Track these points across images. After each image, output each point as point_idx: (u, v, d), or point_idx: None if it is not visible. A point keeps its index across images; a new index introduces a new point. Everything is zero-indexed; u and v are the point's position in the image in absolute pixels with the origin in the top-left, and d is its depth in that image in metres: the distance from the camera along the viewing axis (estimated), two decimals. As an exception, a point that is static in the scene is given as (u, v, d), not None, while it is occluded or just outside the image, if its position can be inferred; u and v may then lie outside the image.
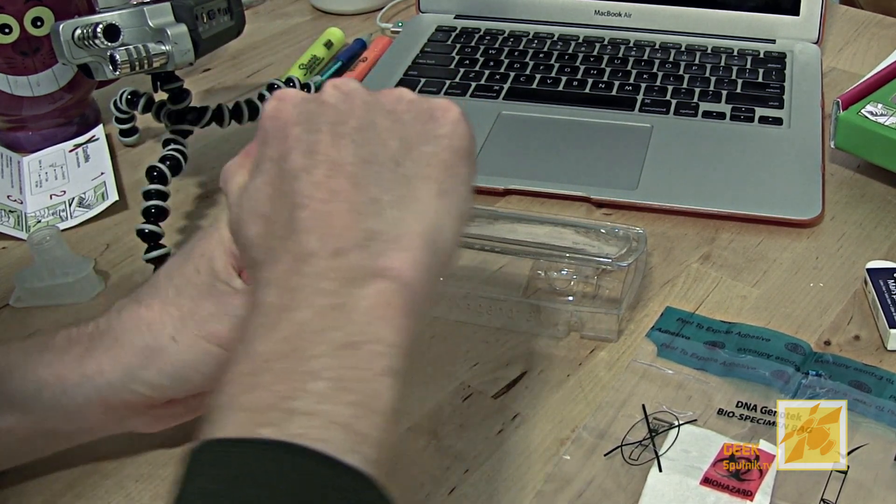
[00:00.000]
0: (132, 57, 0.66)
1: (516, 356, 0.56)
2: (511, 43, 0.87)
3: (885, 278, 0.58)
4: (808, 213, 0.65)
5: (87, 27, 0.65)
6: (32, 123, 0.77)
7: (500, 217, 0.61)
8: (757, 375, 0.53)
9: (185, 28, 0.67)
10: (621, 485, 0.47)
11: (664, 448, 0.49)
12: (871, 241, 0.64)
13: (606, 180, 0.69)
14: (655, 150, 0.72)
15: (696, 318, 0.57)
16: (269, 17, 1.00)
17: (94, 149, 0.76)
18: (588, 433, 0.50)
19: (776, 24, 0.85)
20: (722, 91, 0.79)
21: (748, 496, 0.46)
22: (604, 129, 0.75)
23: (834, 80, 0.83)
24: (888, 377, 0.53)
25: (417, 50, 0.87)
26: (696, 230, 0.65)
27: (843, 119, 0.67)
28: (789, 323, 0.57)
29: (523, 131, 0.75)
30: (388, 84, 0.82)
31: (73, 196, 0.71)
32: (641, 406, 0.52)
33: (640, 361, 0.55)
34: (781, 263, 0.62)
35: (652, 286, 0.60)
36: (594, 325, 0.56)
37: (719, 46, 0.85)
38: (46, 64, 0.74)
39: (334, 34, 0.92)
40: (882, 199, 0.68)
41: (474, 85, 0.81)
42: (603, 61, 0.84)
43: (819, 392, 0.52)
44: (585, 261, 0.56)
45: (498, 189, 0.69)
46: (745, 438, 0.49)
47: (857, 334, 0.56)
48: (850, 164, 0.71)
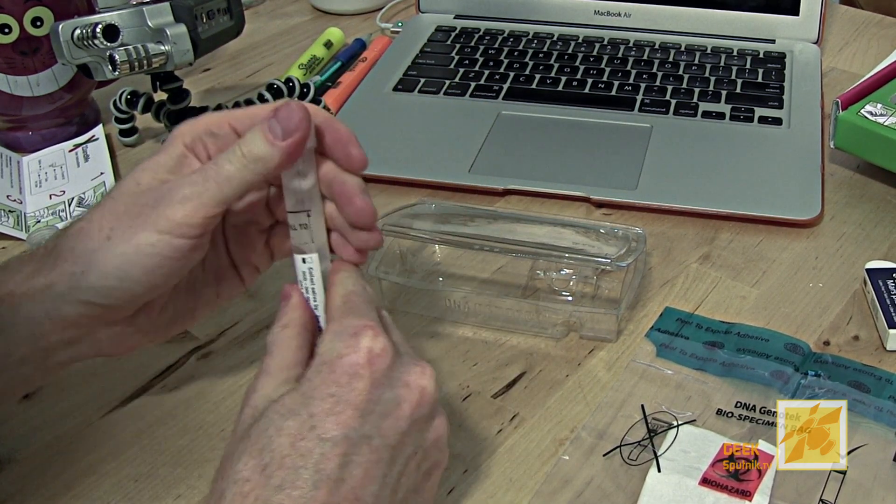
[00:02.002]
0: (131, 57, 0.66)
1: (516, 356, 0.56)
2: (511, 43, 0.87)
3: (885, 278, 0.58)
4: (808, 213, 0.65)
5: (87, 27, 0.65)
6: (32, 123, 0.77)
7: (499, 217, 0.61)
8: (756, 376, 0.53)
9: (184, 28, 0.67)
10: (620, 485, 0.47)
11: (663, 448, 0.49)
12: (870, 241, 0.64)
13: (606, 180, 0.69)
14: (655, 150, 0.72)
15: (695, 319, 0.57)
16: (268, 17, 1.00)
17: (94, 149, 0.76)
18: (587, 433, 0.50)
19: (776, 24, 0.85)
20: (722, 91, 0.79)
21: (747, 496, 0.46)
22: (603, 130, 0.75)
23: (834, 80, 0.83)
24: (887, 377, 0.53)
25: (417, 50, 0.87)
26: (695, 230, 0.65)
27: (843, 119, 0.67)
28: (788, 323, 0.57)
29: (523, 131, 0.75)
30: (387, 84, 0.82)
31: (72, 196, 0.71)
32: (640, 406, 0.52)
33: (640, 362, 0.55)
34: (781, 263, 0.62)
35: (651, 286, 0.60)
36: (593, 325, 0.56)
37: (719, 46, 0.85)
38: (46, 64, 0.74)
39: (334, 34, 0.92)
40: (881, 199, 0.68)
41: (474, 85, 0.81)
42: (602, 61, 0.84)
43: (818, 392, 0.52)
44: (585, 261, 0.56)
45: (497, 189, 0.69)
46: (744, 438, 0.49)
47: (857, 334, 0.56)
48: (850, 164, 0.71)
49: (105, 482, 0.49)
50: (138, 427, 0.52)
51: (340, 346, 0.40)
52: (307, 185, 0.43)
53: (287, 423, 0.38)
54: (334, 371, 0.39)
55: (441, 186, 0.70)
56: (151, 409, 0.53)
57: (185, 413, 0.53)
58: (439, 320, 0.58)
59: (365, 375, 0.39)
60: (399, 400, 0.40)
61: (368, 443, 0.39)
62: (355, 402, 0.39)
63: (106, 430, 0.52)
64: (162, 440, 0.51)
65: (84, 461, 0.50)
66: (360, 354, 0.39)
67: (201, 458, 0.50)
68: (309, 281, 0.44)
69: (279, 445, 0.37)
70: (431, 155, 0.73)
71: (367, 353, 0.40)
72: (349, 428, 0.38)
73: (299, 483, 0.37)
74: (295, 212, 0.43)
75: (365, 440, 0.38)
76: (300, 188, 0.43)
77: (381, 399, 0.39)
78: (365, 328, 0.40)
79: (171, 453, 0.51)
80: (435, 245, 0.62)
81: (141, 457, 0.50)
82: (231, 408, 0.53)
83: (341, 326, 0.41)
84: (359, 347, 0.40)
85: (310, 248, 0.44)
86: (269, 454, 0.37)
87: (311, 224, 0.44)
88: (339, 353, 0.40)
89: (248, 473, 0.37)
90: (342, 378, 0.39)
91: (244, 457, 0.38)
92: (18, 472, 0.50)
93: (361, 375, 0.39)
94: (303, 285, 0.44)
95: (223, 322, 0.59)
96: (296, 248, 0.44)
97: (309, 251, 0.44)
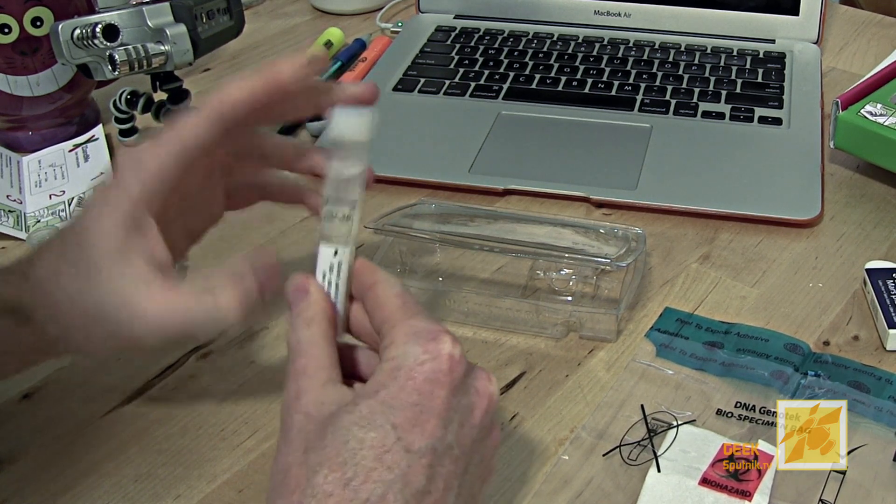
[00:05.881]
0: (131, 57, 0.66)
1: (515, 356, 0.56)
2: (510, 43, 0.87)
3: (885, 278, 0.58)
4: (808, 214, 0.65)
5: (87, 27, 0.65)
6: (32, 123, 0.77)
7: (499, 217, 0.61)
8: (756, 376, 0.53)
9: (184, 28, 0.67)
10: (620, 485, 0.47)
11: (663, 448, 0.49)
12: (870, 241, 0.64)
13: (606, 180, 0.69)
14: (655, 150, 0.72)
15: (695, 319, 0.57)
16: (269, 17, 1.00)
17: (94, 149, 0.76)
18: (587, 433, 0.50)
19: (776, 24, 0.85)
20: (721, 91, 0.79)
21: (746, 496, 0.46)
22: (603, 129, 0.75)
23: (833, 80, 0.83)
24: (887, 377, 0.53)
25: (417, 50, 0.87)
26: (695, 230, 0.65)
27: (843, 119, 0.67)
28: (788, 323, 0.57)
29: (523, 131, 0.75)
30: (387, 84, 0.82)
31: (72, 196, 0.71)
32: (640, 406, 0.52)
33: (639, 361, 0.55)
34: (781, 263, 0.62)
35: (651, 286, 0.60)
36: (593, 325, 0.56)
37: (719, 46, 0.85)
38: (46, 64, 0.74)
39: (334, 34, 0.92)
40: (881, 199, 0.68)
41: (474, 85, 0.81)
42: (602, 61, 0.84)
43: (818, 392, 0.52)
44: (585, 261, 0.56)
45: (497, 189, 0.69)
46: (743, 439, 0.49)
47: (857, 334, 0.56)
48: (850, 164, 0.71)
49: (105, 482, 0.49)
50: (138, 427, 0.52)
51: (419, 352, 0.38)
52: (358, 175, 0.41)
53: (370, 435, 0.36)
54: (414, 378, 0.38)
55: (441, 186, 0.70)
56: (151, 409, 0.53)
57: (185, 413, 0.53)
58: (439, 320, 0.58)
59: (446, 383, 0.38)
60: (472, 407, 0.39)
61: (450, 453, 0.38)
62: (438, 411, 0.37)
63: (106, 430, 0.52)
64: (162, 440, 0.51)
65: (84, 461, 0.50)
66: (441, 361, 0.38)
67: (201, 458, 0.50)
68: (335, 275, 0.42)
69: (363, 458, 0.36)
70: (431, 155, 0.73)
71: (449, 359, 0.38)
72: (434, 438, 0.37)
73: (389, 497, 0.35)
74: (337, 201, 0.42)
75: (448, 450, 0.37)
76: (348, 179, 0.41)
77: (458, 407, 0.38)
78: (441, 333, 0.39)
79: (171, 453, 0.51)
80: (435, 245, 0.62)
81: (141, 457, 0.50)
82: (231, 408, 0.53)
83: (414, 329, 0.39)
84: (440, 353, 0.38)
85: (343, 242, 0.42)
86: (353, 468, 0.36)
87: (353, 217, 0.42)
88: (418, 359, 0.38)
89: (330, 488, 0.35)
90: (424, 386, 0.37)
91: (322, 470, 0.36)
92: (18, 472, 0.50)
93: (443, 383, 0.38)
94: (326, 278, 0.42)
95: (223, 322, 0.59)
96: (326, 237, 0.42)
97: (341, 244, 0.42)
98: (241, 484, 0.49)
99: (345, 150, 0.41)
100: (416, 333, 0.39)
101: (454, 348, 0.39)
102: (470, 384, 0.39)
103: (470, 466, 0.39)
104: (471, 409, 0.39)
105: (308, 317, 0.41)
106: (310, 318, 0.41)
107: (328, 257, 0.42)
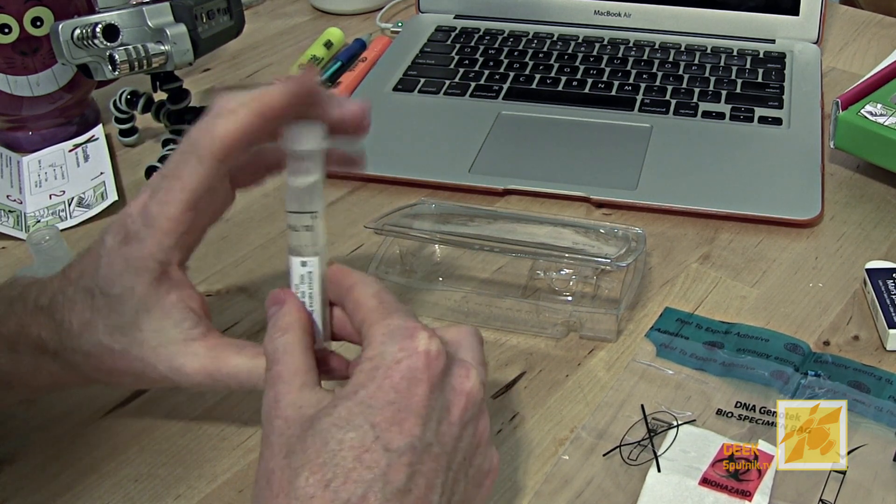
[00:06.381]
0: (131, 57, 0.66)
1: (515, 356, 0.56)
2: (511, 43, 0.87)
3: (885, 278, 0.58)
4: (808, 214, 0.65)
5: (87, 27, 0.65)
6: (32, 123, 0.77)
7: (499, 217, 0.61)
8: (756, 376, 0.53)
9: (184, 28, 0.67)
10: (620, 485, 0.47)
11: (663, 448, 0.49)
12: (870, 241, 0.64)
13: (606, 180, 0.69)
14: (655, 150, 0.72)
15: (695, 319, 0.57)
16: (269, 17, 1.00)
17: (94, 149, 0.76)
18: (587, 433, 0.50)
19: (776, 24, 0.85)
20: (721, 91, 0.79)
21: (747, 496, 0.46)
22: (603, 129, 0.75)
23: (834, 80, 0.83)
24: (887, 377, 0.53)
25: (417, 50, 0.87)
26: (695, 230, 0.65)
27: (843, 119, 0.67)
28: (788, 323, 0.57)
29: (523, 131, 0.75)
30: (387, 84, 0.82)
31: (72, 196, 0.71)
32: (640, 406, 0.52)
33: (640, 361, 0.55)
34: (781, 263, 0.62)
35: (651, 286, 0.60)
36: (593, 325, 0.56)
37: (719, 46, 0.85)
38: (46, 64, 0.74)
39: (334, 34, 0.92)
40: (881, 199, 0.68)
41: (474, 85, 0.81)
42: (602, 61, 0.84)
43: (818, 392, 0.52)
44: (585, 261, 0.56)
45: (497, 189, 0.69)
46: (743, 438, 0.49)
47: (857, 334, 0.56)
48: (850, 164, 0.71)
49: (105, 482, 0.49)
50: (138, 427, 0.52)
51: (395, 350, 0.38)
52: (313, 185, 0.42)
53: (349, 436, 0.36)
54: (391, 376, 0.37)
55: (441, 186, 0.70)
56: (151, 409, 0.53)
57: (185, 413, 0.53)
58: (439, 320, 0.58)
59: (423, 380, 0.38)
60: (449, 405, 0.39)
61: (430, 450, 0.37)
62: (416, 409, 0.37)
63: (106, 430, 0.52)
64: (162, 440, 0.51)
65: (84, 461, 0.50)
66: (418, 358, 0.38)
67: (201, 458, 0.50)
68: (307, 285, 0.43)
69: (343, 459, 0.36)
70: (431, 155, 0.73)
71: (426, 356, 0.38)
72: (413, 437, 0.37)
73: (370, 497, 0.35)
74: (298, 212, 0.42)
75: (428, 448, 0.37)
76: (306, 188, 0.41)
77: (436, 404, 0.38)
78: (418, 329, 0.39)
79: (171, 453, 0.51)
80: (435, 245, 0.62)
81: (141, 457, 0.50)
82: (231, 407, 0.53)
83: (389, 328, 0.39)
84: (416, 351, 0.38)
85: (310, 252, 0.42)
86: (333, 469, 0.35)
87: (316, 226, 0.42)
88: (395, 358, 0.38)
89: (311, 490, 0.35)
90: (401, 384, 0.37)
91: (304, 472, 0.36)
92: (18, 472, 0.50)
93: (420, 380, 0.37)
94: (299, 289, 0.43)
95: (223, 322, 0.59)
96: (293, 249, 0.42)
97: (309, 254, 0.42)
98: (241, 484, 0.49)
99: (300, 160, 0.42)
100: (392, 332, 0.39)
101: (431, 344, 0.38)
102: (447, 382, 0.39)
103: (453, 464, 0.39)
104: (448, 407, 0.39)
105: (282, 325, 0.41)
106: (284, 326, 0.41)
107: (298, 269, 0.43)
